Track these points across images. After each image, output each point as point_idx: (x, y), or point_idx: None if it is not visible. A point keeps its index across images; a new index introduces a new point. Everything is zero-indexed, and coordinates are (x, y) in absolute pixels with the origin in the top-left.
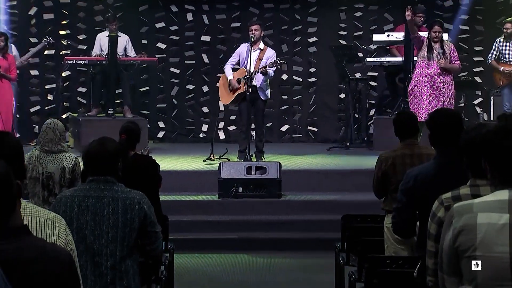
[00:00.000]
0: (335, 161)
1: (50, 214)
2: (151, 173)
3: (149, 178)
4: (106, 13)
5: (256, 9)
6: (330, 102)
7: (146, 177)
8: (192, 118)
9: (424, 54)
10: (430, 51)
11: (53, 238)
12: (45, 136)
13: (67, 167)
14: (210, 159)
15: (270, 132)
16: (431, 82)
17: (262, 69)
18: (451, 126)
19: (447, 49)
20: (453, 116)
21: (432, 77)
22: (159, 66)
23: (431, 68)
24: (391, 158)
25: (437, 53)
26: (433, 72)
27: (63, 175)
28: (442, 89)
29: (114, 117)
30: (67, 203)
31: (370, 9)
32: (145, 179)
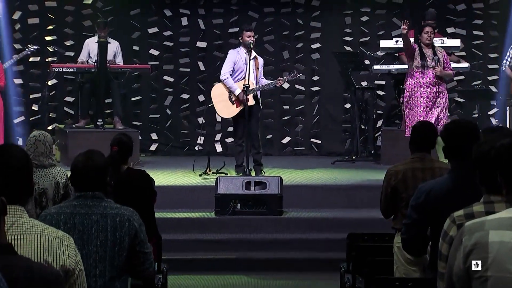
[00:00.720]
0: (340, 175)
1: (58, 232)
2: (145, 188)
3: (143, 194)
4: (96, 18)
5: (256, 13)
6: (334, 112)
7: (140, 192)
8: (187, 129)
9: (418, 63)
10: (424, 58)
11: (63, 258)
12: (34, 149)
13: (61, 182)
14: (207, 174)
15: (270, 145)
16: (427, 92)
17: (280, 82)
18: (468, 138)
19: (440, 55)
20: (470, 127)
21: (428, 86)
22: (152, 74)
23: (426, 77)
24: (401, 172)
25: (431, 60)
26: (428, 81)
27: (57, 191)
28: (438, 98)
29: (103, 129)
30: (52, 221)
31: (377, 13)
32: (138, 194)
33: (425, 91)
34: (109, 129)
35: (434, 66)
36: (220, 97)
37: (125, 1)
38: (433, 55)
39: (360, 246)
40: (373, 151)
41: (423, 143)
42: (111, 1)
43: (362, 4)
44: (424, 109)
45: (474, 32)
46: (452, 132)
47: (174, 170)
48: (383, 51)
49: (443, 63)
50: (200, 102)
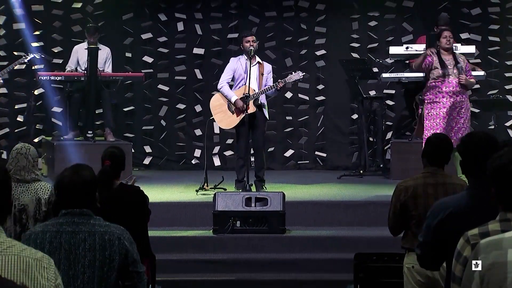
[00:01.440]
0: (347, 191)
1: (37, 253)
2: (139, 206)
3: (136, 212)
4: (86, 23)
5: (256, 17)
6: (340, 123)
7: (133, 210)
8: (183, 142)
9: (438, 73)
10: (444, 65)
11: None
12: (16, 163)
13: (43, 198)
14: (204, 189)
15: (272, 158)
16: (450, 102)
17: (281, 84)
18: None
19: (462, 62)
20: (488, 140)
21: (451, 96)
22: (146, 82)
23: (449, 85)
24: (411, 188)
25: (453, 67)
26: (451, 90)
27: (38, 208)
28: (461, 109)
29: (93, 141)
30: (37, 240)
31: (387, 18)
32: (131, 212)
33: (448, 101)
34: (99, 142)
35: (459, 74)
36: (219, 107)
37: (117, 5)
38: (454, 62)
39: (368, 267)
40: (382, 165)
41: (436, 157)
42: (102, 5)
43: (370, 8)
44: (444, 120)
45: (490, 38)
46: (469, 145)
47: (169, 185)
48: (392, 58)
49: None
50: (197, 112)
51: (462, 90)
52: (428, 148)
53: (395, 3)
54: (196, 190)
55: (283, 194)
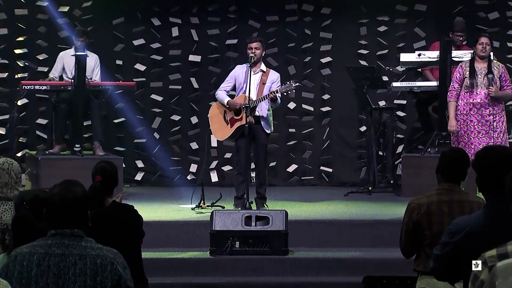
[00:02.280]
0: (354, 209)
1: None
2: (132, 226)
3: (130, 233)
4: (73, 28)
5: (257, 22)
6: (348, 136)
7: (126, 231)
8: (178, 156)
9: (466, 82)
10: (473, 75)
11: None
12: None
13: None
14: (200, 207)
15: (274, 174)
16: (479, 115)
17: (272, 94)
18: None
19: (496, 71)
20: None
21: (478, 109)
22: (138, 92)
23: (477, 97)
24: (425, 206)
25: (483, 77)
26: (480, 102)
27: None
28: (493, 122)
29: (81, 155)
30: (24, 262)
31: (397, 22)
32: (124, 233)
33: (475, 114)
34: (88, 156)
35: (489, 86)
36: (216, 117)
37: (107, 9)
38: (486, 72)
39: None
40: (392, 181)
41: (452, 173)
42: (91, 9)
43: (379, 12)
44: (475, 136)
45: (509, 44)
46: (485, 161)
47: (163, 203)
48: (403, 66)
49: (499, 81)
50: (193, 124)
51: (493, 102)
52: (443, 163)
53: (406, 7)
54: (192, 208)
55: (286, 212)
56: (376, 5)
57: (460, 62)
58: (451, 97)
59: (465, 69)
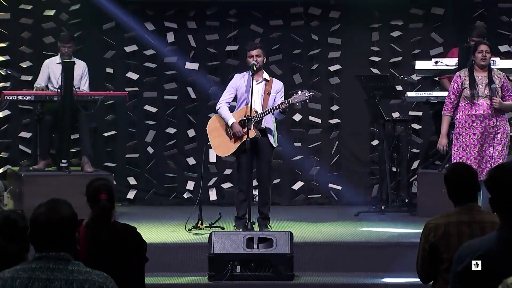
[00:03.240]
0: (366, 230)
1: None
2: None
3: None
4: (59, 33)
5: (259, 26)
6: (358, 151)
7: (131, 256)
8: (174, 172)
9: (466, 93)
10: (473, 86)
11: None
12: None
13: None
14: (198, 228)
15: (278, 192)
16: (481, 127)
17: (284, 105)
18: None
19: (497, 81)
20: None
21: (482, 120)
22: (130, 103)
23: (479, 108)
24: (442, 227)
25: (484, 87)
26: (482, 113)
27: None
28: (497, 134)
29: (68, 172)
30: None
31: (412, 27)
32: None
33: (478, 126)
34: (75, 173)
35: (493, 97)
36: (216, 131)
37: (97, 13)
38: (487, 82)
39: None
40: (407, 199)
41: (461, 194)
42: (79, 13)
43: (393, 16)
44: (475, 149)
45: None
46: (498, 180)
47: (157, 224)
48: (419, 74)
49: (501, 91)
50: (190, 138)
51: (497, 113)
52: (449, 185)
53: (422, 10)
54: (188, 229)
55: (291, 234)
56: (390, 8)
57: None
58: (446, 110)
59: (464, 79)
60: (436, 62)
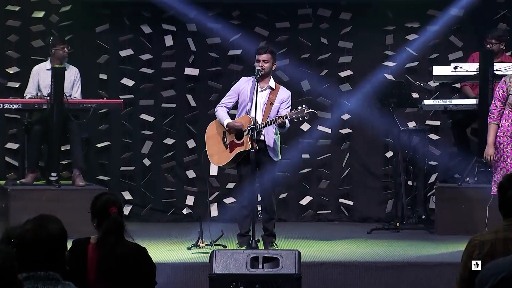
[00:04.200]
0: (380, 249)
1: None
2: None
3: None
4: (49, 36)
5: (265, 29)
6: (371, 163)
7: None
8: (172, 186)
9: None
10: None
11: None
12: None
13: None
14: (198, 246)
15: (284, 207)
16: None
17: (281, 119)
18: None
19: None
20: None
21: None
22: (125, 111)
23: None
24: (488, 244)
25: None
26: None
27: None
28: None
29: (58, 186)
30: None
31: (429, 29)
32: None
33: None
34: (66, 187)
35: None
36: (213, 138)
37: (89, 14)
38: None
39: None
40: (424, 216)
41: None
42: (70, 14)
43: (408, 18)
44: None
45: None
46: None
47: (154, 242)
48: (437, 80)
49: None
50: (190, 149)
51: None
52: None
53: (440, 11)
54: (188, 247)
55: (299, 252)
56: (405, 9)
57: (504, 76)
58: (492, 118)
59: (510, 84)
60: (455, 67)
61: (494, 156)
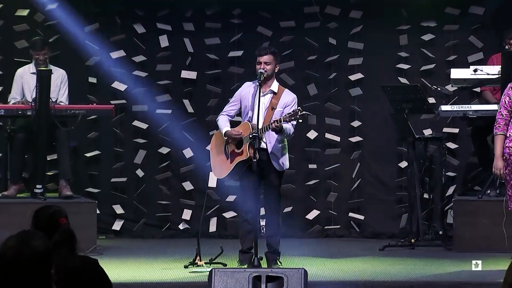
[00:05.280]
0: (393, 267)
1: None
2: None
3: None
4: (34, 36)
5: (268, 29)
6: (384, 174)
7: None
8: (168, 199)
9: None
10: None
11: None
12: None
13: None
14: (196, 265)
15: (289, 221)
16: None
17: (274, 124)
18: None
19: None
20: None
21: None
22: (116, 118)
23: None
24: None
25: None
26: None
27: None
28: None
29: (44, 199)
30: None
31: (447, 29)
32: None
33: None
34: (52, 200)
35: None
36: (216, 149)
37: (77, 13)
38: None
39: None
40: (441, 231)
41: None
42: (58, 13)
43: (424, 16)
44: None
45: None
46: None
47: (148, 260)
48: (455, 84)
49: None
50: (187, 159)
51: None
52: None
53: (458, 9)
54: (185, 265)
55: (305, 271)
56: (420, 7)
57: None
58: (498, 128)
59: None
60: (475, 70)
61: (504, 169)
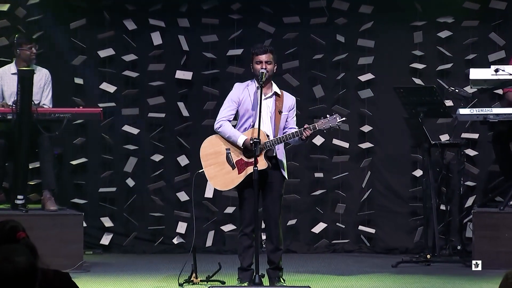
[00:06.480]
0: (407, 285)
1: None
2: None
3: None
4: (15, 33)
5: (270, 25)
6: (397, 184)
7: None
8: (161, 211)
9: None
10: None
11: None
12: None
13: None
14: (192, 282)
15: (294, 235)
16: None
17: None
18: None
19: None
20: None
21: None
22: (105, 122)
23: None
24: None
25: None
26: None
27: None
28: None
29: (25, 211)
30: None
31: (465, 25)
32: None
33: None
34: (35, 211)
35: None
36: (213, 157)
37: (63, 8)
38: None
39: None
40: (459, 246)
41: None
42: (41, 7)
43: (440, 11)
44: None
45: None
46: None
47: (139, 277)
48: (474, 85)
49: None
50: (182, 167)
51: None
52: None
53: (478, 4)
54: (180, 283)
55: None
56: (437, 1)
57: None
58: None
59: None
60: (496, 70)
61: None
